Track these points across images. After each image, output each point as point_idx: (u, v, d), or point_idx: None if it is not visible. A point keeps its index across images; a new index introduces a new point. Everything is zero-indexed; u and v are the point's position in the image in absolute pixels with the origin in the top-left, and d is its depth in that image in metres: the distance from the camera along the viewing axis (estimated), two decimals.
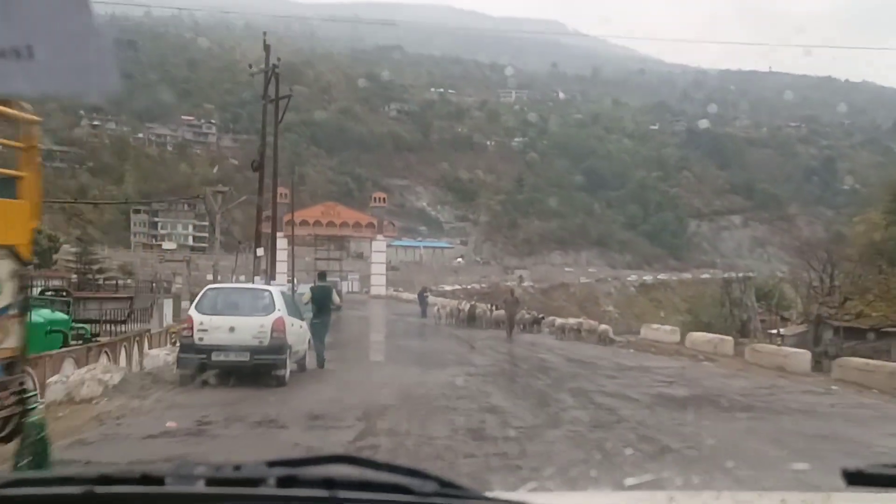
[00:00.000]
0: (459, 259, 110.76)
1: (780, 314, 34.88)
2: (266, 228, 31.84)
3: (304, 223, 68.13)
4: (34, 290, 33.25)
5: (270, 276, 38.72)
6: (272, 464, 1.09)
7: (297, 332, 13.21)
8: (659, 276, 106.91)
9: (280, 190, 68.31)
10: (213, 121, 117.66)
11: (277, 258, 64.47)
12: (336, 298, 16.48)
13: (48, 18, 1.24)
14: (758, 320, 32.96)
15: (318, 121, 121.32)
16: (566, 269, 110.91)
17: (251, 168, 24.70)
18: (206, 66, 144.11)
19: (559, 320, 28.82)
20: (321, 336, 14.69)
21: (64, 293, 29.71)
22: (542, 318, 30.35)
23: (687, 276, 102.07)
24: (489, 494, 1.07)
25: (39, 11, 1.24)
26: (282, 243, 65.18)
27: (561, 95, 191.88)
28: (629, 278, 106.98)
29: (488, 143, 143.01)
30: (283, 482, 1.01)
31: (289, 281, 63.23)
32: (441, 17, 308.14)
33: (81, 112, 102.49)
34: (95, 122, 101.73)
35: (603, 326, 25.84)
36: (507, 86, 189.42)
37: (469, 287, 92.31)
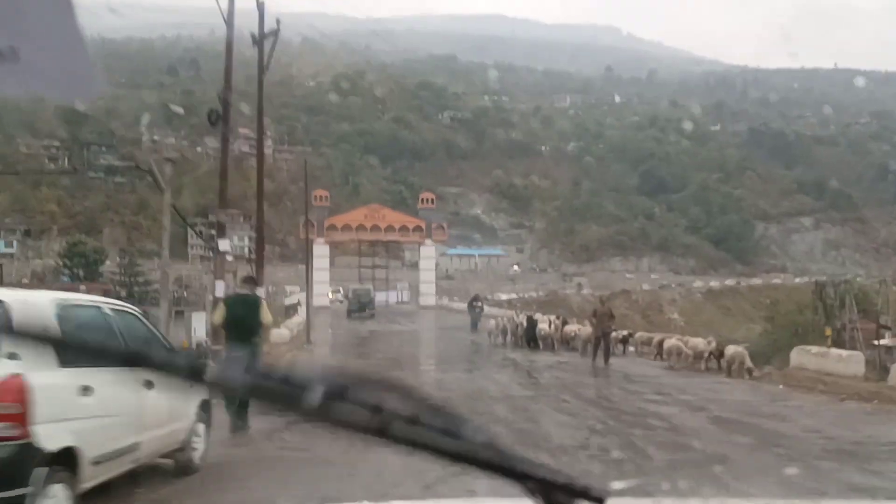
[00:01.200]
0: (515, 267, 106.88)
1: (883, 323, 30.23)
2: (294, 235, 30.30)
3: (346, 228, 64.64)
4: None
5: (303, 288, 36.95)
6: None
7: (92, 405, 4.84)
8: (726, 282, 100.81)
9: (319, 192, 64.66)
10: (268, 133, 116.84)
11: (316, 266, 59.45)
12: (266, 317, 9.43)
13: (32, 21, 1.25)
14: (858, 329, 28.49)
15: (372, 130, 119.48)
16: (627, 275, 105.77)
17: (208, 121, 17.37)
18: (265, 80, 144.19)
19: (657, 337, 21.68)
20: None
21: None
22: (631, 335, 23.29)
23: (756, 281, 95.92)
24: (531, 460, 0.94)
25: (24, 14, 1.25)
26: (323, 250, 61.23)
27: (616, 98, 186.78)
28: (694, 284, 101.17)
29: (543, 148, 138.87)
30: (330, 395, 0.92)
31: (335, 292, 60.91)
32: (494, 27, 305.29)
33: (142, 127, 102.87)
34: (155, 138, 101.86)
35: (733, 349, 16.94)
36: (562, 91, 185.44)
37: (526, 296, 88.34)
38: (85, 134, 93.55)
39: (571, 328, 23.13)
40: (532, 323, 24.03)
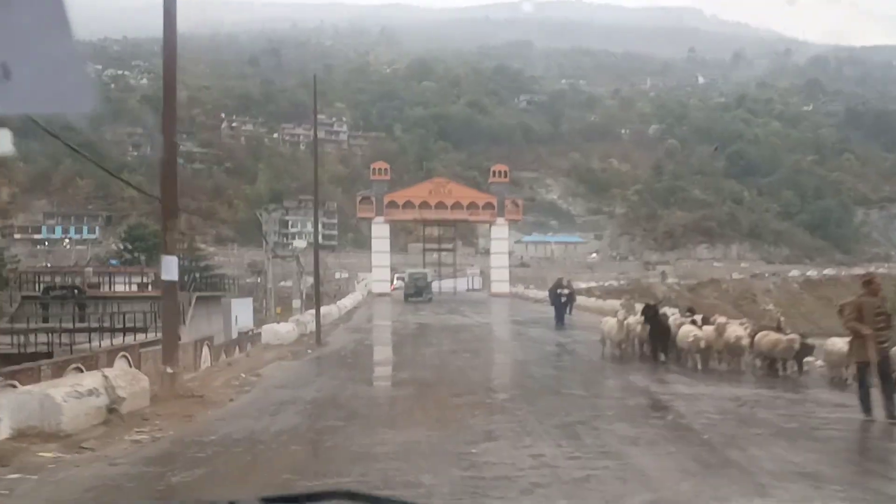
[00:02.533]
0: (594, 254, 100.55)
1: None
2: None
3: (408, 205, 56.40)
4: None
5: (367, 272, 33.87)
6: (267, 500, 0.97)
7: None
8: (825, 271, 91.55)
9: (378, 164, 58.66)
10: (344, 118, 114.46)
11: (375, 248, 54.66)
12: None
13: (26, 39, 1.19)
14: None
15: (447, 115, 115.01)
16: (714, 263, 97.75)
17: None
18: (342, 68, 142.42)
19: None
20: None
21: (75, 291, 25.21)
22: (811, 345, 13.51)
23: (858, 270, 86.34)
24: None
25: (17, 32, 1.18)
26: (383, 230, 55.18)
27: (700, 80, 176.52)
28: (790, 274, 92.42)
29: (622, 131, 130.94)
30: None
31: (398, 278, 55.91)
32: (572, 12, 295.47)
33: (223, 114, 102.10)
34: (234, 124, 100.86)
35: None
36: (642, 73, 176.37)
37: (606, 284, 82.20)
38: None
39: (734, 331, 13.54)
40: (659, 321, 14.89)
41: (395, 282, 52.97)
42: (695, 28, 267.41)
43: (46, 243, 68.76)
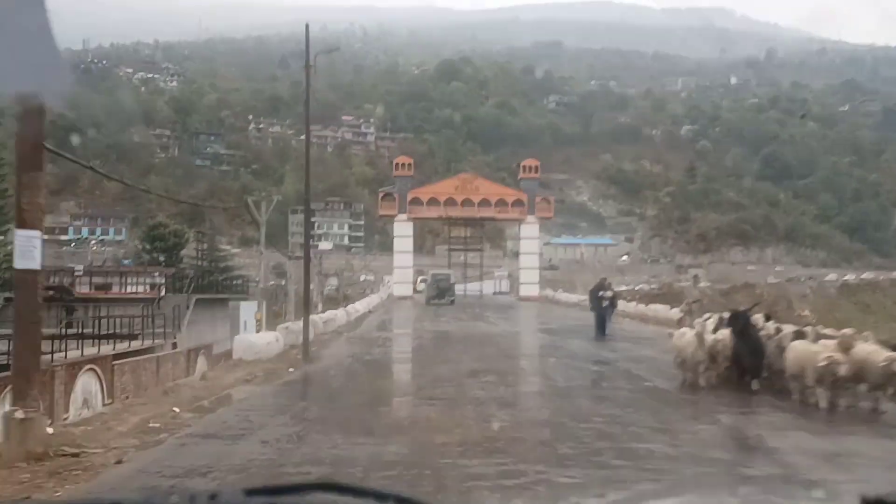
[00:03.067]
0: (625, 257, 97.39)
1: None
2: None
3: (432, 202, 52.47)
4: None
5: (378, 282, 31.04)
6: (250, 492, 0.95)
7: None
8: (863, 276, 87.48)
9: (401, 159, 55.00)
10: (371, 120, 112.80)
11: (397, 248, 51.03)
12: None
13: (1, 18, 1.14)
14: None
15: (475, 116, 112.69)
16: (748, 267, 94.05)
17: None
18: (370, 70, 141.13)
19: None
20: None
21: (64, 293, 23.25)
22: None
23: None
24: None
25: None
26: (405, 228, 51.46)
27: (732, 80, 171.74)
28: (827, 278, 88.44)
29: (654, 132, 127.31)
30: None
31: (422, 280, 53.23)
32: (601, 14, 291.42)
33: (250, 116, 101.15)
34: (261, 126, 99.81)
35: None
36: (673, 74, 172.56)
37: (637, 288, 79.36)
38: (195, 123, 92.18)
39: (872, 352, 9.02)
40: (750, 334, 10.72)
41: (418, 284, 50.33)
42: (725, 28, 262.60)
43: (73, 244, 68.07)
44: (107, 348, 16.67)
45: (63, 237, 71.36)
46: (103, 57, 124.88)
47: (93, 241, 66.43)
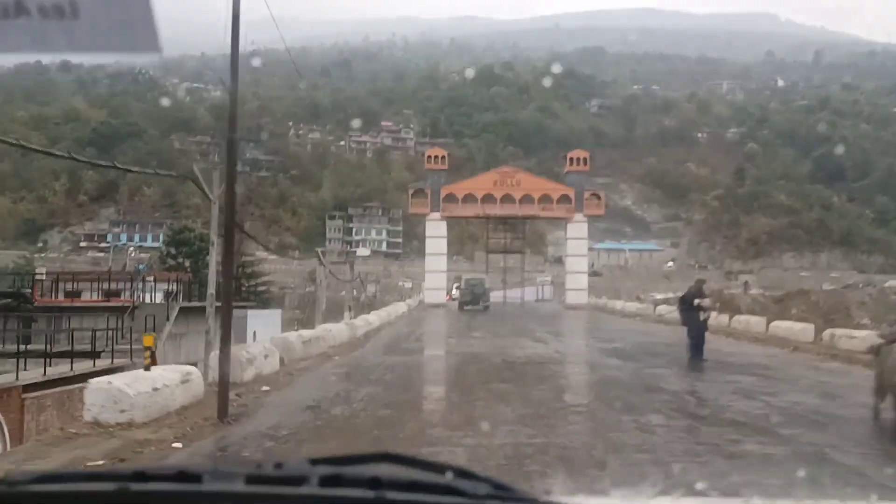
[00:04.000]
0: (670, 263, 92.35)
1: None
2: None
3: (469, 199, 46.07)
4: None
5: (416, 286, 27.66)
6: (315, 461, 0.97)
7: None
8: None
9: (434, 151, 48.79)
10: (411, 125, 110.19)
11: (429, 250, 44.93)
12: None
13: None
14: None
15: (516, 120, 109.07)
16: (801, 273, 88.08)
17: None
18: (411, 77, 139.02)
19: None
20: None
21: (21, 300, 20.24)
22: None
23: None
24: (544, 499, 0.94)
25: None
26: (438, 228, 45.70)
27: (780, 83, 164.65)
28: (886, 284, 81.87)
29: (699, 135, 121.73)
30: (327, 481, 0.88)
31: (456, 287, 49.28)
32: (643, 20, 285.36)
33: (290, 123, 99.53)
34: (300, 132, 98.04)
35: None
36: (717, 77, 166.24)
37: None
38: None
39: None
40: None
41: (452, 291, 46.10)
42: (769, 33, 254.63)
43: (111, 251, 66.74)
44: (63, 368, 13.68)
45: (103, 244, 70.19)
46: (151, 69, 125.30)
47: (131, 248, 64.85)
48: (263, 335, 21.90)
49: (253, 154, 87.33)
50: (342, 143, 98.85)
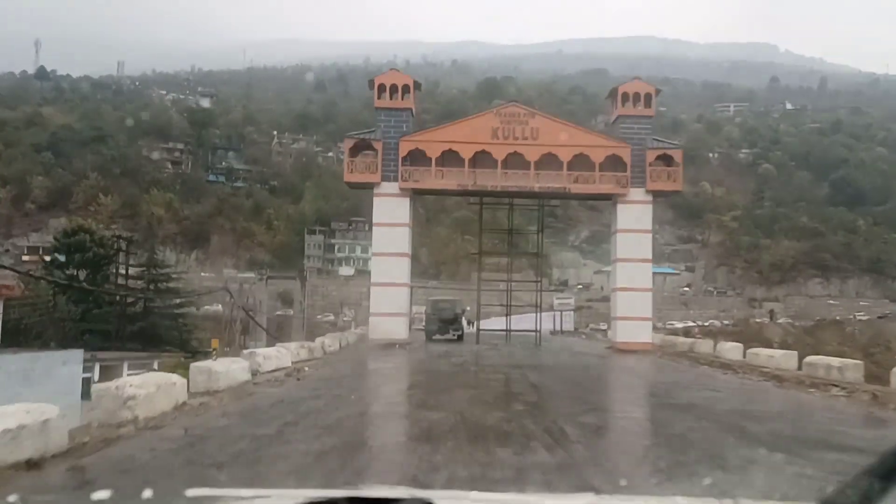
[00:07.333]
0: (686, 288, 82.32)
1: None
2: None
3: (448, 160, 26.59)
4: None
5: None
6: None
7: None
8: None
9: (391, 76, 26.21)
10: None
11: (376, 248, 25.48)
12: None
13: None
14: None
15: None
16: (829, 301, 78.08)
17: None
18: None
19: None
20: None
21: None
22: None
23: None
24: None
25: None
26: (393, 208, 25.74)
27: (788, 106, 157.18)
28: None
29: (711, 155, 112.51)
30: None
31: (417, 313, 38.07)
32: (645, 48, 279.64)
33: (274, 132, 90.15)
34: (284, 141, 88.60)
35: None
36: (724, 100, 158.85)
37: (706, 324, 64.49)
38: (212, 137, 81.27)
39: None
40: None
41: (426, 315, 31.34)
42: (770, 62, 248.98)
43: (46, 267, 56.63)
44: None
45: (48, 257, 59.85)
46: (141, 81, 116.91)
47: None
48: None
49: (229, 163, 77.87)
50: (330, 153, 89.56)
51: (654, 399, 12.14)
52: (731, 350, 19.44)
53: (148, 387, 7.22)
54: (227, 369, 10.19)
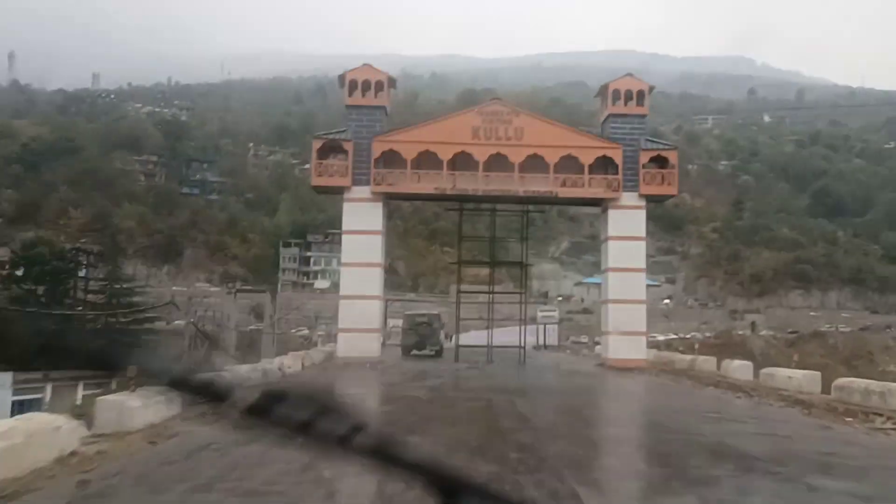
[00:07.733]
0: (667, 301, 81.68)
1: None
2: None
3: (426, 162, 24.88)
4: None
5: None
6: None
7: None
8: None
9: (363, 71, 25.08)
10: None
11: (346, 258, 23.60)
12: None
13: None
14: None
15: None
16: (811, 313, 77.85)
17: None
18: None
19: None
20: None
21: None
22: None
23: None
24: None
25: None
26: (365, 214, 23.81)
27: (766, 118, 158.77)
28: None
29: (690, 167, 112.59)
30: None
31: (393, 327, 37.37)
32: (623, 61, 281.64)
33: (251, 144, 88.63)
34: (260, 152, 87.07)
35: None
36: (702, 112, 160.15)
37: (688, 336, 63.74)
38: (186, 149, 79.57)
39: None
40: None
41: (403, 329, 29.64)
42: (748, 75, 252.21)
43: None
44: None
45: (17, 272, 57.81)
46: (116, 94, 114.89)
47: None
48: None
49: (204, 175, 76.17)
50: (306, 165, 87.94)
51: (674, 436, 9.76)
52: (738, 369, 18.11)
53: (13, 436, 5.53)
54: (146, 403, 8.80)
